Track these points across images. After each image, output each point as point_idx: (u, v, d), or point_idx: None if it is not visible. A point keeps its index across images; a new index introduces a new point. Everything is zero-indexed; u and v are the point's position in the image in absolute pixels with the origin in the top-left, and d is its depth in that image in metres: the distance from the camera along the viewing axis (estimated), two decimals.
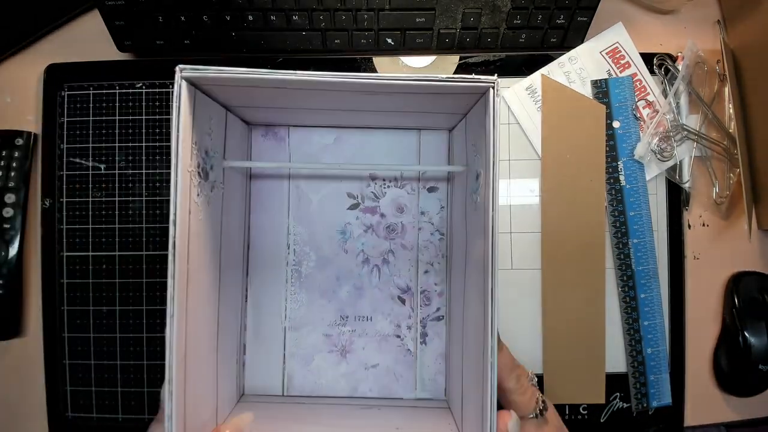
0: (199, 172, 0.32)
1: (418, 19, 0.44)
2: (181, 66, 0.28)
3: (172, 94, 0.29)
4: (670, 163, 0.46)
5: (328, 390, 0.45)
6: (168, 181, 0.39)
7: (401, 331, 0.45)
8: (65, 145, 0.46)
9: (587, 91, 0.46)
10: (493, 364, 0.29)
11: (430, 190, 0.46)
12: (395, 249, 0.45)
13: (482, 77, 0.29)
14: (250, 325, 0.45)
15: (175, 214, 0.28)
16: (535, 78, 0.46)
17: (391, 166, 0.44)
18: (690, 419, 0.46)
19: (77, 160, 0.46)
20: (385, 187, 0.45)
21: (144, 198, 0.45)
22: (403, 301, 0.45)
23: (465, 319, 0.37)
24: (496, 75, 0.30)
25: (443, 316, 0.45)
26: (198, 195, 0.32)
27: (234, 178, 0.40)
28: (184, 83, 0.29)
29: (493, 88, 0.29)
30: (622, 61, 0.46)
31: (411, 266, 0.45)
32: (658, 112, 0.46)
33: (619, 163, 0.46)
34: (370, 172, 0.45)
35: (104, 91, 0.46)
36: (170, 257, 0.28)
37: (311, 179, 0.45)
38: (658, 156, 0.46)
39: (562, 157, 0.46)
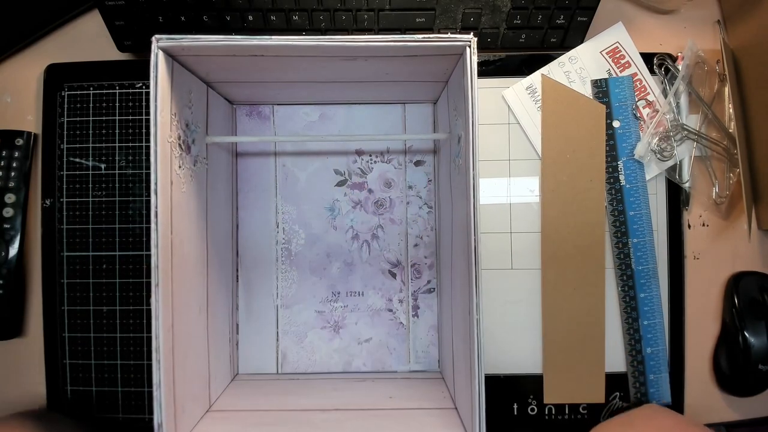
0: (180, 144, 0.32)
1: (418, 19, 0.44)
2: (157, 36, 0.29)
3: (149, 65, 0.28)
4: (670, 163, 0.46)
5: (322, 366, 0.46)
6: None
7: (393, 305, 0.46)
8: (65, 145, 0.46)
9: (587, 90, 0.46)
10: (478, 321, 0.29)
11: (417, 163, 0.46)
12: (384, 224, 0.46)
13: (458, 36, 0.29)
14: (242, 305, 0.45)
15: (156, 183, 0.28)
16: (535, 78, 0.46)
17: (374, 136, 0.45)
18: (690, 419, 0.46)
19: (77, 159, 0.46)
20: (372, 163, 0.46)
21: (144, 198, 0.45)
22: (393, 275, 0.46)
23: (453, 286, 0.38)
24: (471, 33, 0.30)
25: (434, 289, 0.46)
26: (180, 167, 0.32)
27: (219, 156, 0.40)
28: (161, 53, 0.29)
29: (470, 46, 0.29)
30: (622, 61, 0.46)
31: (400, 240, 0.46)
32: (658, 111, 0.46)
33: (619, 162, 0.46)
34: (357, 147, 0.46)
35: (104, 91, 0.46)
36: (152, 226, 0.28)
37: (298, 156, 0.46)
38: (658, 156, 0.46)
39: (562, 157, 0.46)
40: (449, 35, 0.29)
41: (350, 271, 0.46)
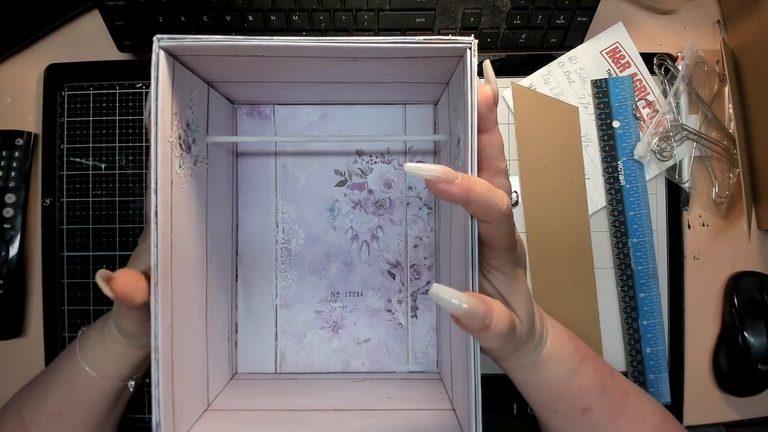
0: (180, 144, 0.32)
1: (418, 19, 0.44)
2: (158, 36, 0.28)
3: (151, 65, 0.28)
4: (670, 163, 0.46)
5: (320, 366, 0.46)
6: None
7: (392, 306, 0.46)
8: (65, 145, 0.46)
9: (587, 90, 0.46)
10: None
11: None
12: (384, 224, 0.46)
13: (459, 38, 0.29)
14: (241, 304, 0.45)
15: (156, 183, 0.28)
16: (535, 78, 0.46)
17: (375, 137, 0.45)
18: (689, 419, 0.46)
19: (77, 159, 0.46)
20: (372, 163, 0.46)
21: (144, 198, 0.45)
22: (393, 276, 0.46)
23: (452, 287, 0.38)
24: (472, 35, 0.30)
25: None
26: (180, 167, 0.32)
27: (219, 156, 0.40)
28: (162, 53, 0.29)
29: (470, 49, 0.29)
30: (622, 61, 0.46)
31: (400, 241, 0.46)
32: (658, 111, 0.46)
33: (618, 162, 0.46)
34: (357, 148, 0.46)
35: (104, 91, 0.46)
36: (153, 225, 0.28)
37: (298, 156, 0.46)
38: (658, 156, 0.46)
39: (540, 163, 0.46)
40: (450, 37, 0.29)
41: (349, 272, 0.46)
